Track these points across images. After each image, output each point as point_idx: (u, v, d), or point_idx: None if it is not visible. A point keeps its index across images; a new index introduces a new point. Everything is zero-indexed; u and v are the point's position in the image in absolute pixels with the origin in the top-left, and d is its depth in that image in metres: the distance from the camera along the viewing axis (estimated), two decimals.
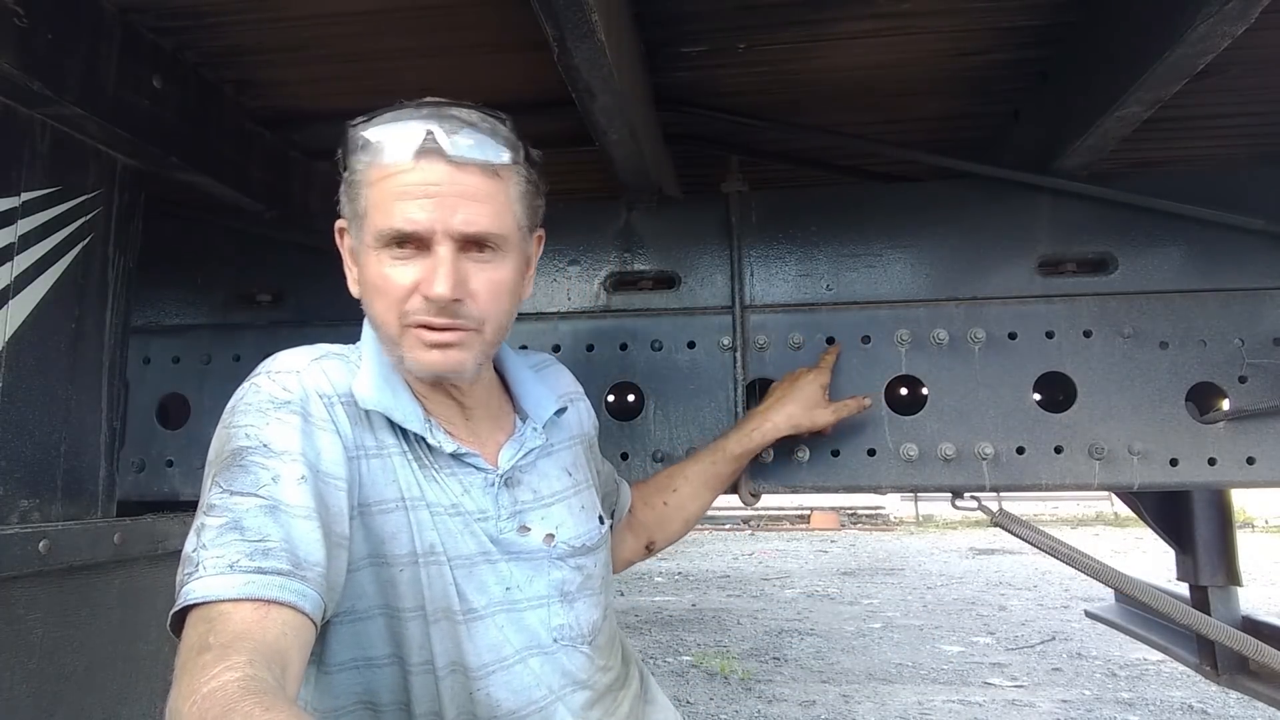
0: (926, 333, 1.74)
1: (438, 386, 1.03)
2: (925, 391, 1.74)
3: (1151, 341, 1.68)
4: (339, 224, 1.03)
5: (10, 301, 1.34)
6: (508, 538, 1.03)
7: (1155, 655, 5.13)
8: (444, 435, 1.01)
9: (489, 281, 0.96)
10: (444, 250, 0.92)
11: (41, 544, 1.29)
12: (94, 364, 1.53)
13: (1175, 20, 1.23)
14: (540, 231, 1.09)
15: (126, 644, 1.46)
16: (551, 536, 1.07)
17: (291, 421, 0.89)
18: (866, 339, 1.76)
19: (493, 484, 1.04)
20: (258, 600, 0.76)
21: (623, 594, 8.54)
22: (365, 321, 1.07)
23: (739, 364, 1.77)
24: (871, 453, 1.71)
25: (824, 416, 1.53)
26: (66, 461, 1.44)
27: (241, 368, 1.93)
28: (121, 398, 1.63)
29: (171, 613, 0.78)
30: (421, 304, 0.94)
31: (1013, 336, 1.72)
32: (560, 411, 1.16)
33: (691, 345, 1.81)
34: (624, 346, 1.82)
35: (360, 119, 0.97)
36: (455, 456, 1.01)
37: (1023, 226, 1.76)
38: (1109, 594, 2.74)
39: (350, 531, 0.92)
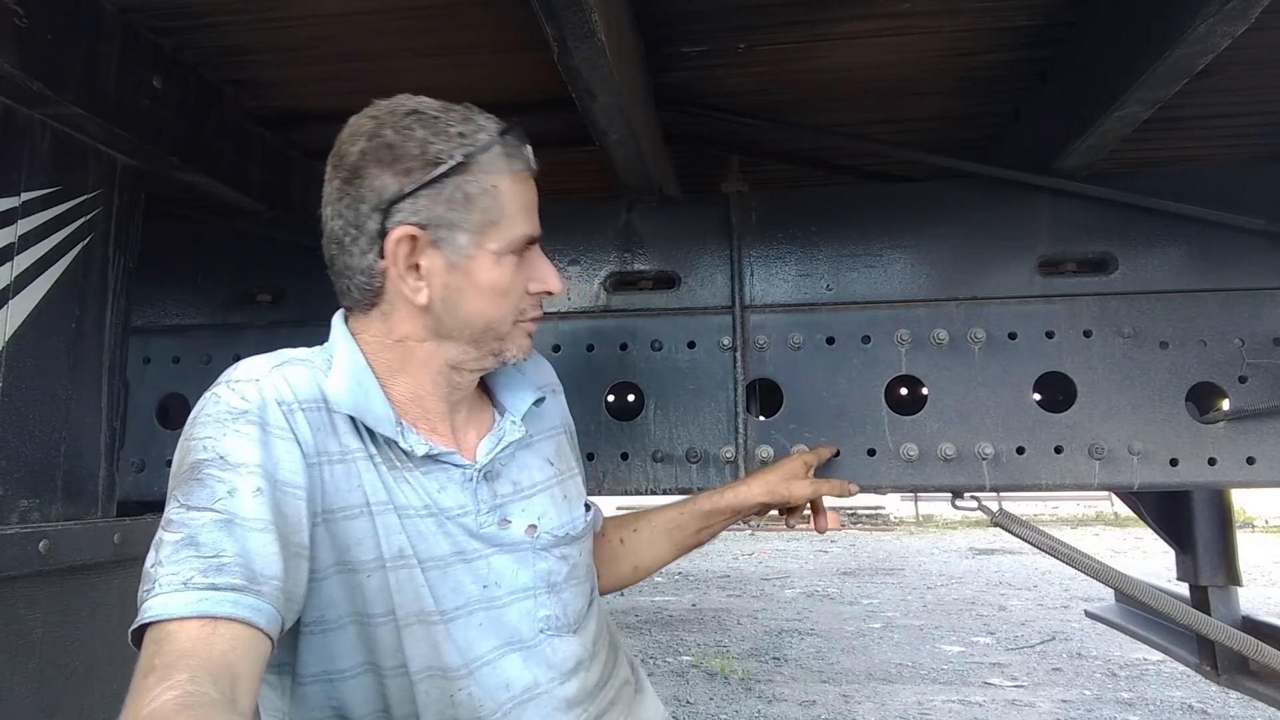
0: (926, 333, 1.74)
1: (466, 386, 1.07)
2: (925, 391, 1.74)
3: (1151, 341, 1.68)
4: (408, 233, 0.94)
5: (10, 301, 1.34)
6: (489, 531, 1.03)
7: (1155, 655, 5.13)
8: (416, 437, 1.00)
9: None
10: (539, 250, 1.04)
11: (41, 544, 1.29)
12: (94, 364, 1.53)
13: (1175, 20, 1.23)
14: None
15: (126, 644, 1.45)
16: (534, 528, 1.07)
17: (248, 432, 0.89)
18: (866, 339, 1.76)
19: (470, 479, 1.03)
20: (206, 617, 0.76)
21: (623, 594, 8.54)
22: (337, 322, 1.05)
23: (739, 364, 1.77)
24: (871, 453, 1.71)
25: (801, 488, 1.48)
26: (66, 461, 1.45)
27: None
28: (121, 398, 1.63)
29: (130, 630, 0.79)
30: (532, 300, 1.04)
31: (1013, 336, 1.72)
32: (539, 402, 1.16)
33: (691, 345, 1.81)
34: (624, 346, 1.82)
35: (491, 130, 0.98)
36: (430, 458, 1.01)
37: (1023, 226, 1.76)
38: (1109, 594, 2.74)
39: (312, 540, 0.92)
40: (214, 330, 1.97)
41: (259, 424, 0.90)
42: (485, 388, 1.15)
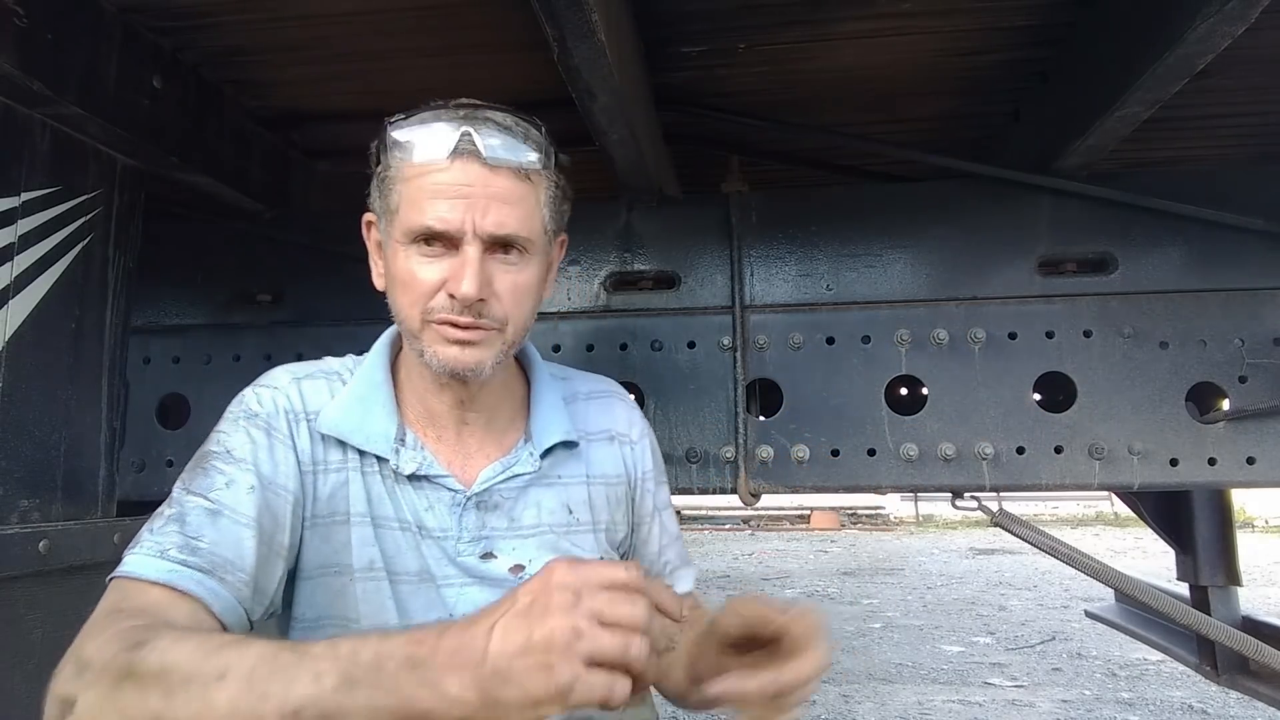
0: (926, 333, 1.74)
1: (446, 386, 1.02)
2: (925, 391, 1.74)
3: (1151, 341, 1.68)
4: (367, 217, 1.03)
5: (10, 301, 1.34)
6: (467, 561, 1.00)
7: (1155, 655, 5.13)
8: (411, 454, 1.01)
9: (513, 284, 0.96)
10: (472, 251, 0.92)
11: (41, 544, 1.29)
12: (94, 364, 1.53)
13: (1175, 20, 1.23)
14: (563, 235, 1.10)
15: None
16: (520, 568, 1.01)
17: (255, 434, 0.97)
18: (866, 339, 1.76)
19: (459, 504, 1.01)
20: (172, 588, 0.84)
21: None
22: (385, 333, 1.09)
23: (739, 364, 1.77)
24: (871, 453, 1.71)
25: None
26: (66, 461, 1.44)
27: (241, 368, 1.93)
28: (121, 398, 1.63)
29: (109, 578, 0.87)
30: (446, 302, 0.94)
31: (1013, 336, 1.72)
32: (572, 445, 1.09)
33: (691, 345, 1.81)
34: (624, 346, 1.82)
35: (398, 116, 0.97)
36: (416, 477, 1.01)
37: (1023, 226, 1.76)
38: (1109, 594, 2.74)
39: (302, 542, 0.97)
40: (214, 330, 1.97)
41: (265, 429, 0.98)
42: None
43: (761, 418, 1.82)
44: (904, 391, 1.90)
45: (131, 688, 0.69)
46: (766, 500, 1.92)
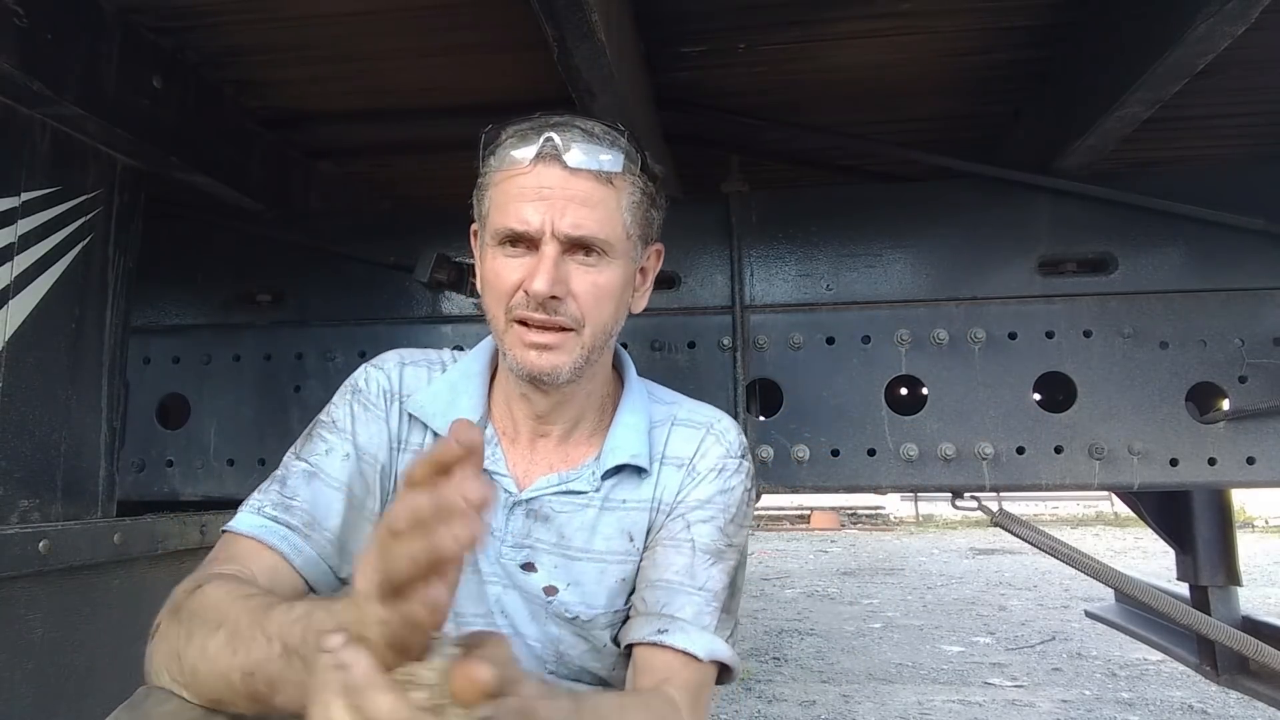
0: (926, 333, 1.74)
1: (526, 395, 1.05)
2: (925, 391, 1.74)
3: (1151, 341, 1.68)
4: (473, 227, 1.07)
5: (10, 301, 1.34)
6: (507, 564, 1.02)
7: (1155, 655, 5.13)
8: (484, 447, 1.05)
9: (591, 284, 0.97)
10: (549, 250, 0.95)
11: (41, 544, 1.29)
12: (94, 364, 1.53)
13: (1175, 20, 1.23)
14: (658, 245, 1.10)
15: (126, 644, 1.45)
16: (554, 589, 1.01)
17: (357, 409, 1.07)
18: (866, 339, 1.76)
19: (507, 505, 1.03)
20: (258, 540, 0.93)
21: None
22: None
23: (739, 364, 1.77)
24: (871, 453, 1.71)
25: None
26: (66, 461, 1.44)
27: (241, 368, 1.93)
28: (121, 398, 1.63)
29: (221, 529, 0.98)
30: (524, 299, 0.96)
31: (1013, 336, 1.72)
32: (641, 470, 1.05)
33: (691, 345, 1.81)
34: (624, 346, 1.82)
35: (491, 125, 1.01)
36: None
37: (1023, 226, 1.76)
38: (1109, 594, 2.74)
39: (384, 509, 1.03)
40: (214, 330, 1.97)
41: (365, 404, 1.07)
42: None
43: (761, 418, 1.82)
44: (904, 391, 1.90)
45: (176, 622, 0.80)
46: (766, 500, 1.92)
